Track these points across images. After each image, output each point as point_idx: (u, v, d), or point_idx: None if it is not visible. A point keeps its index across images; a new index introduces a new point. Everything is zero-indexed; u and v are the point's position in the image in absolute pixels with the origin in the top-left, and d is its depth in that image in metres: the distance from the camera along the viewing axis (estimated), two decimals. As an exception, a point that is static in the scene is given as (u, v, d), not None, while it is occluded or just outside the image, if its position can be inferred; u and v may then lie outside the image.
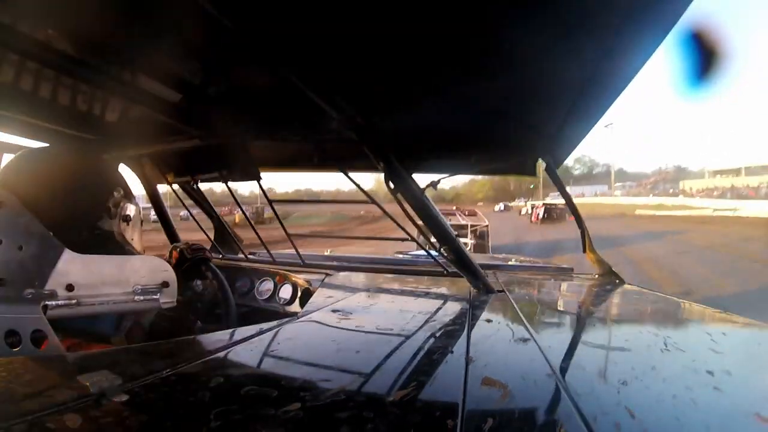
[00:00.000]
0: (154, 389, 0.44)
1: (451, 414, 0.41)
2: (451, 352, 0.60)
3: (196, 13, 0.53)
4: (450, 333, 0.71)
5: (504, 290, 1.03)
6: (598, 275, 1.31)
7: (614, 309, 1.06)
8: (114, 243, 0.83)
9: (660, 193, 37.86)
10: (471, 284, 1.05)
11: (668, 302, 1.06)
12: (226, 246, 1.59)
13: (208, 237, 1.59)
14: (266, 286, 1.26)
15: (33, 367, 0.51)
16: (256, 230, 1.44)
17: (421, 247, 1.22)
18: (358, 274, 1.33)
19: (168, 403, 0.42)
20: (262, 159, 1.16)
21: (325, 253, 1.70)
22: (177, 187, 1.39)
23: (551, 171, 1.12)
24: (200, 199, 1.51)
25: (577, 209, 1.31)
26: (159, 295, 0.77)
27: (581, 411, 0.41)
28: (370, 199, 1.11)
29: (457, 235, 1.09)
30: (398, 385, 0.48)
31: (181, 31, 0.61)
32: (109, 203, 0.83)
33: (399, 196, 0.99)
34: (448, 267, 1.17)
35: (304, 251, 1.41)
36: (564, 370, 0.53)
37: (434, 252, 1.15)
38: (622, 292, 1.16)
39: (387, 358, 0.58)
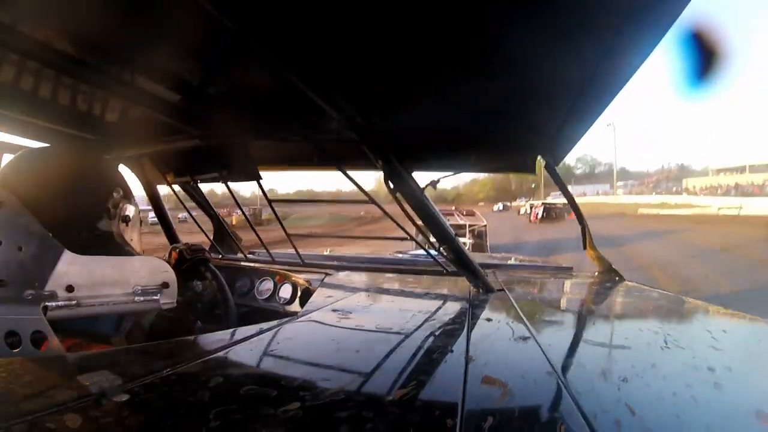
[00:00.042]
0: (154, 389, 0.44)
1: (451, 413, 0.41)
2: (451, 351, 0.60)
3: (196, 13, 0.53)
4: (450, 332, 0.71)
5: (504, 289, 1.03)
6: (598, 272, 1.31)
7: (614, 306, 1.06)
8: (113, 244, 0.83)
9: (663, 191, 37.23)
10: (471, 283, 1.05)
11: (668, 299, 1.06)
12: (226, 246, 1.59)
13: (208, 237, 1.59)
14: (266, 285, 1.25)
15: (33, 368, 0.51)
16: (255, 230, 1.44)
17: (421, 247, 1.22)
18: (357, 273, 1.33)
19: (168, 403, 0.42)
20: (262, 159, 1.16)
21: (325, 253, 1.70)
22: (177, 187, 1.39)
23: (551, 169, 1.12)
24: (200, 200, 1.51)
25: (577, 206, 1.32)
26: (159, 295, 0.77)
27: (582, 409, 0.41)
28: (370, 199, 1.11)
29: (456, 235, 1.09)
30: (398, 384, 0.48)
31: (181, 31, 0.60)
32: (109, 204, 0.83)
33: (399, 195, 0.99)
34: (447, 266, 1.17)
35: (303, 252, 1.41)
36: (564, 369, 0.53)
37: (434, 251, 1.15)
38: (622, 289, 1.16)
39: (387, 357, 0.58)
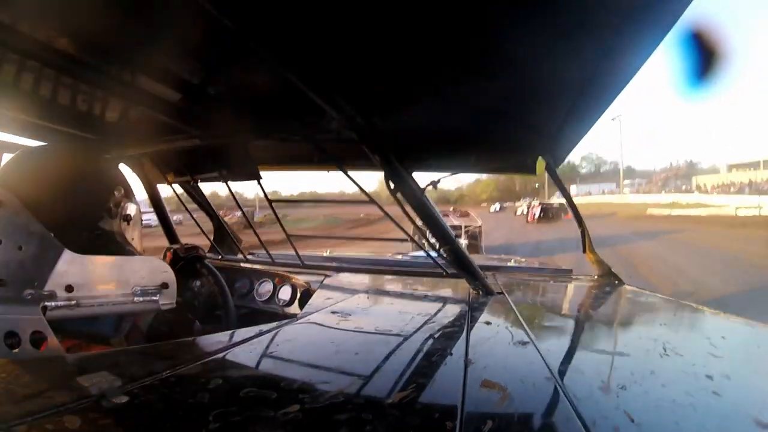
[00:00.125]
0: (154, 391, 0.44)
1: (450, 416, 0.41)
2: (450, 354, 0.60)
3: (196, 13, 0.53)
4: (449, 335, 0.71)
5: (503, 292, 1.02)
6: (598, 276, 1.31)
7: (614, 311, 1.06)
8: (114, 243, 0.82)
9: (672, 190, 35.97)
10: (470, 286, 1.05)
11: (668, 304, 1.06)
12: (226, 247, 1.59)
13: (208, 238, 1.59)
14: (266, 287, 1.25)
15: (32, 369, 0.51)
16: (255, 231, 1.44)
17: (421, 248, 1.22)
18: (357, 275, 1.32)
19: (167, 405, 0.42)
20: (262, 159, 1.16)
21: (325, 254, 1.69)
22: (178, 188, 1.39)
23: (551, 170, 1.11)
24: (200, 200, 1.51)
25: (577, 209, 1.31)
26: (158, 296, 0.77)
27: (580, 414, 0.41)
28: (371, 200, 1.11)
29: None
30: (397, 387, 0.48)
31: (181, 31, 0.60)
32: (110, 203, 0.83)
33: (399, 196, 0.99)
34: (447, 268, 1.17)
35: (300, 253, 1.41)
36: (563, 373, 0.53)
37: (433, 253, 1.15)
38: (622, 293, 1.15)
39: (386, 359, 0.58)
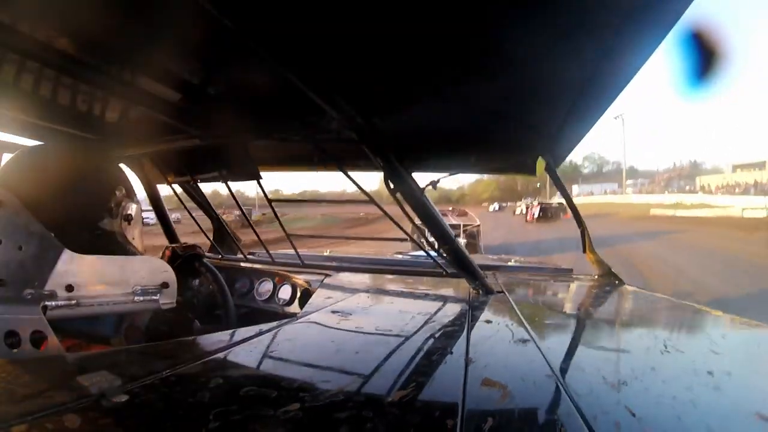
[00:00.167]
0: (154, 390, 0.44)
1: (451, 414, 0.41)
2: (451, 353, 0.60)
3: (196, 13, 0.53)
4: (449, 334, 0.71)
5: (503, 291, 1.03)
6: (598, 276, 1.31)
7: (614, 310, 1.06)
8: (115, 243, 0.82)
9: (675, 190, 35.44)
10: (470, 285, 1.05)
11: (668, 303, 1.06)
12: (226, 246, 1.59)
13: (208, 237, 1.59)
14: (266, 286, 1.25)
15: (33, 368, 0.51)
16: (255, 230, 1.44)
17: (421, 248, 1.22)
18: (357, 274, 1.32)
19: (167, 404, 0.42)
20: (262, 159, 1.16)
21: (325, 254, 1.69)
22: (177, 187, 1.39)
23: (551, 170, 1.11)
24: (200, 200, 1.51)
25: (577, 209, 1.31)
26: (159, 295, 0.77)
27: (581, 410, 0.41)
28: (370, 199, 1.11)
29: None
30: (398, 385, 0.48)
31: (181, 31, 0.60)
32: (111, 203, 0.83)
33: (398, 196, 0.99)
34: (447, 268, 1.17)
35: (299, 252, 1.41)
36: (564, 371, 0.53)
37: (433, 252, 1.15)
38: (622, 293, 1.16)
39: (386, 359, 0.58)
